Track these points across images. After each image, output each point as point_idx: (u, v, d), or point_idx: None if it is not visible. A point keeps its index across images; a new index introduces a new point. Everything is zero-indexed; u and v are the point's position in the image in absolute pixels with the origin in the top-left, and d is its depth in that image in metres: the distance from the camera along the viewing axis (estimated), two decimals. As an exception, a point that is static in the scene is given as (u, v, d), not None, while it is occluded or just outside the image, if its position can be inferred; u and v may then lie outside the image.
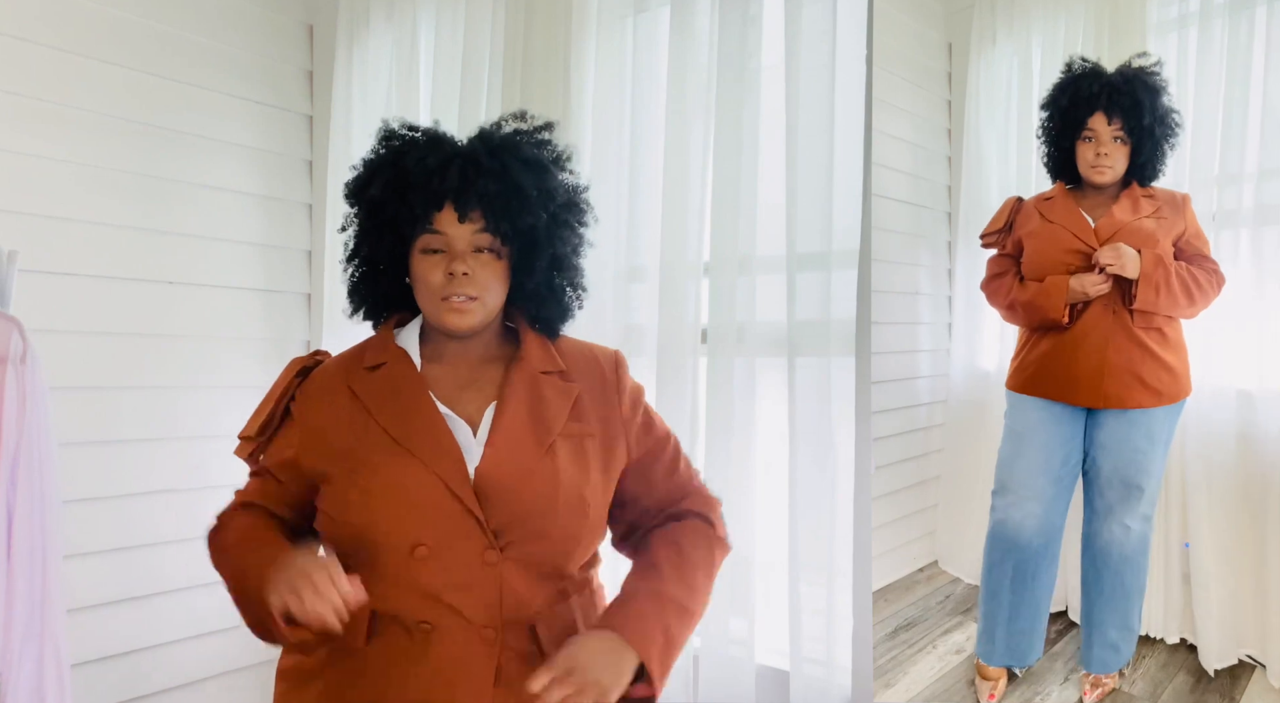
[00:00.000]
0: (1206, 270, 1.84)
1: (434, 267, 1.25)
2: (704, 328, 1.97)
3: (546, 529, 1.23)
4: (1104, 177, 1.86)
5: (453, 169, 1.23)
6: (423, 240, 1.26)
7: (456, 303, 1.25)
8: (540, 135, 1.33)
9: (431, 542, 1.19)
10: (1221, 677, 1.89)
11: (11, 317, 1.53)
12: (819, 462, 1.83)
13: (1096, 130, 1.84)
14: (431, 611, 1.20)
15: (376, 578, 1.18)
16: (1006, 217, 1.96)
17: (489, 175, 1.23)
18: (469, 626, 1.20)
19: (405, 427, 1.23)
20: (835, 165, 1.83)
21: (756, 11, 1.91)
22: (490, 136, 1.29)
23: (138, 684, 2.27)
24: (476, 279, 1.25)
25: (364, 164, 1.31)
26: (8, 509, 1.47)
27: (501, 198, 1.24)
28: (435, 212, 1.24)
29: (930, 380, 2.37)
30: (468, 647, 1.20)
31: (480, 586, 1.20)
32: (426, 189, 1.23)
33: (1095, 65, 1.87)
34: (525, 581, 1.23)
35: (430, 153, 1.24)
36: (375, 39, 2.47)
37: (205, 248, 2.40)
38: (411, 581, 1.19)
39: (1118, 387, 1.84)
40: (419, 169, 1.23)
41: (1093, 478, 1.92)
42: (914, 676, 2.01)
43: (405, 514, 1.20)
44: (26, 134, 2.09)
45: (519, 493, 1.22)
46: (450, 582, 1.19)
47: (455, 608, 1.19)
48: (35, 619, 1.49)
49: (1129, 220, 1.84)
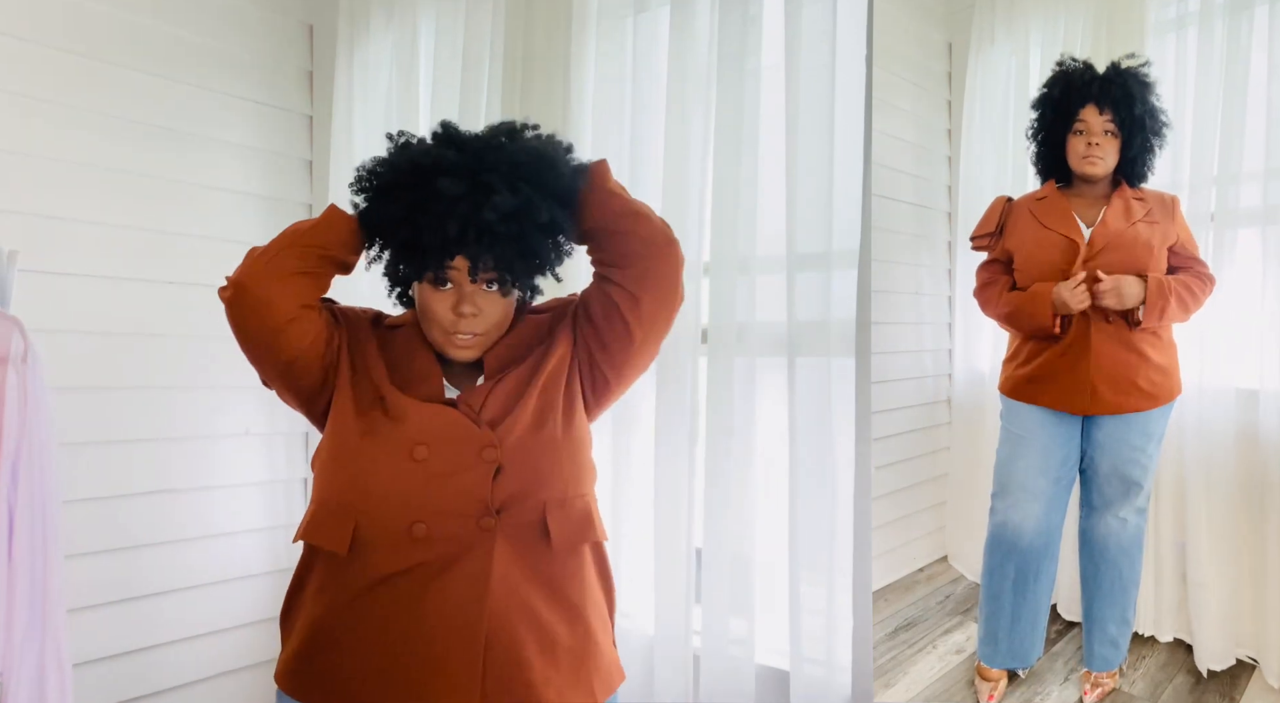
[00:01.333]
0: (1199, 277, 1.84)
1: (441, 301, 1.30)
2: (704, 328, 1.97)
3: (538, 459, 1.30)
4: (1095, 168, 1.86)
5: (470, 236, 1.24)
6: (430, 275, 1.30)
7: (461, 340, 1.31)
8: (561, 160, 1.34)
9: (431, 443, 1.26)
10: (1221, 677, 1.89)
11: (12, 317, 1.52)
12: (819, 462, 1.83)
13: (1088, 121, 1.85)
14: (422, 514, 1.25)
15: (367, 492, 1.26)
16: (997, 219, 1.96)
17: (505, 242, 1.26)
18: (463, 518, 1.25)
19: (408, 376, 1.33)
20: (835, 165, 1.83)
21: (756, 11, 1.91)
22: (504, 197, 1.25)
23: (138, 684, 2.27)
24: (483, 316, 1.30)
25: (368, 205, 1.33)
26: (8, 509, 1.47)
27: (517, 260, 1.29)
28: (448, 261, 1.28)
29: (930, 380, 2.37)
30: (461, 540, 1.25)
31: (473, 479, 1.26)
32: (443, 252, 1.27)
33: (1086, 62, 1.88)
34: (524, 476, 1.29)
35: (450, 216, 1.24)
36: (375, 39, 2.47)
37: (205, 248, 2.40)
38: (408, 481, 1.25)
39: (1114, 395, 1.84)
40: (438, 236, 1.25)
41: (1090, 477, 1.92)
42: (914, 676, 2.01)
43: (406, 433, 1.27)
44: (27, 134, 2.09)
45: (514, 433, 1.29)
46: (443, 473, 1.26)
47: (447, 508, 1.25)
48: (35, 619, 1.49)
49: (1123, 228, 1.84)
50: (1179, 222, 1.86)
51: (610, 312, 1.33)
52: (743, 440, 1.91)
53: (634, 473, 2.05)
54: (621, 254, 1.32)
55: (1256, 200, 1.86)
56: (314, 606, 1.30)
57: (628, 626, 2.08)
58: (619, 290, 1.33)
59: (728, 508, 1.91)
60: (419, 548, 1.24)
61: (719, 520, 1.92)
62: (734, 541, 1.92)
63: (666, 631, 1.97)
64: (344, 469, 1.29)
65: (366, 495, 1.26)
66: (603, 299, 1.34)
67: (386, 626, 1.24)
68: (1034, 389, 1.90)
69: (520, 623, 1.25)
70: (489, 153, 1.28)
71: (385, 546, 1.24)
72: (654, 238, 1.33)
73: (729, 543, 1.92)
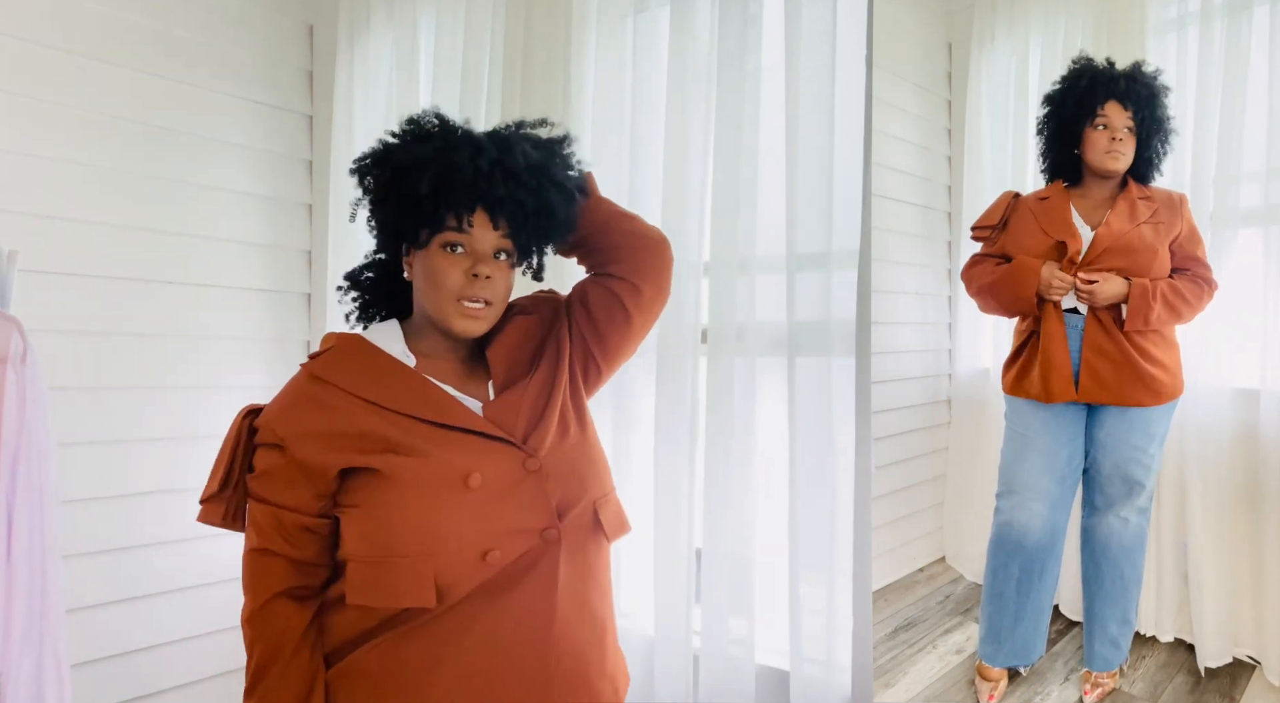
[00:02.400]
0: (1197, 281, 1.84)
1: (454, 264, 1.26)
2: (704, 328, 1.97)
3: (568, 450, 1.32)
4: (1118, 163, 1.86)
5: (497, 176, 1.25)
6: (445, 236, 1.26)
7: (471, 308, 1.26)
8: (568, 152, 1.37)
9: (481, 467, 1.24)
10: (1221, 676, 1.89)
11: (11, 317, 1.52)
12: (819, 462, 1.83)
13: (1111, 116, 1.85)
14: (492, 539, 1.24)
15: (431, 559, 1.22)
16: (1001, 214, 1.96)
17: (526, 190, 1.27)
18: (529, 534, 1.25)
19: (441, 413, 1.27)
20: (835, 165, 1.83)
21: (756, 11, 1.91)
22: (527, 150, 1.29)
23: (138, 684, 2.27)
24: (495, 284, 1.27)
25: (392, 153, 1.30)
26: (8, 509, 1.47)
27: (534, 215, 1.28)
28: (469, 214, 1.25)
29: (930, 380, 2.37)
30: (530, 554, 1.25)
31: (528, 493, 1.25)
32: (472, 190, 1.24)
33: (1109, 59, 1.88)
34: (569, 482, 1.30)
35: (479, 155, 1.25)
36: (376, 39, 2.48)
37: (205, 248, 2.40)
38: (472, 511, 1.23)
39: (1113, 384, 1.84)
40: (470, 168, 1.24)
41: (1093, 476, 1.92)
42: (914, 676, 2.01)
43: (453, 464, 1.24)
44: (27, 134, 2.09)
45: (542, 432, 1.29)
46: (500, 493, 1.24)
47: (513, 526, 1.24)
48: (35, 619, 1.49)
49: (1126, 229, 1.84)
50: (1186, 219, 1.86)
51: (611, 303, 1.38)
52: (743, 440, 1.91)
53: (634, 473, 2.05)
54: (621, 249, 1.39)
55: (1257, 200, 1.86)
56: (389, 654, 1.24)
57: (628, 626, 2.08)
58: (620, 283, 1.38)
59: (728, 508, 1.91)
60: (489, 570, 1.23)
61: (719, 521, 1.92)
62: (734, 541, 1.91)
63: (666, 631, 1.97)
64: (400, 523, 1.22)
65: (435, 538, 1.21)
66: (602, 293, 1.39)
67: (462, 644, 1.23)
68: (1025, 383, 1.91)
69: (581, 620, 1.28)
70: (506, 131, 1.34)
71: (463, 581, 1.22)
72: (649, 232, 1.43)
73: (729, 543, 1.91)
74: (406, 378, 1.29)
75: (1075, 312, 1.86)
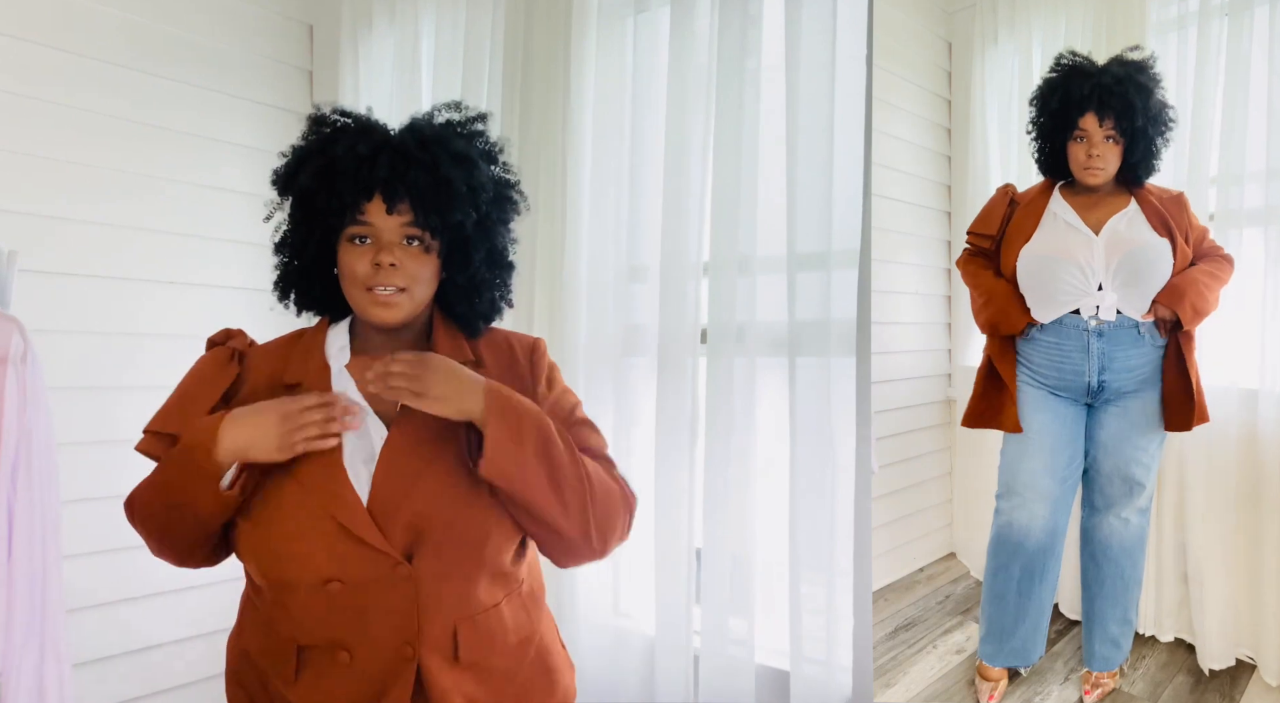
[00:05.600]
0: (1218, 261, 1.83)
1: (360, 256, 1.23)
2: (704, 328, 1.96)
3: (451, 524, 1.21)
4: (1096, 179, 1.85)
5: (382, 159, 1.21)
6: (350, 229, 1.24)
7: (382, 295, 1.23)
8: (472, 127, 1.31)
9: (342, 576, 1.18)
10: (1221, 676, 1.89)
11: (11, 317, 1.52)
12: (819, 462, 1.83)
13: (1088, 131, 1.83)
14: (350, 638, 1.19)
15: (291, 611, 1.22)
16: (999, 225, 1.94)
17: (419, 167, 1.22)
18: (383, 647, 1.19)
19: (305, 460, 1.21)
20: (835, 165, 1.83)
21: (756, 11, 1.91)
22: (421, 128, 1.27)
23: (138, 684, 2.27)
24: (404, 270, 1.23)
25: (293, 151, 1.30)
26: (8, 509, 1.47)
27: (430, 191, 1.22)
28: (364, 201, 1.22)
29: (930, 380, 2.37)
30: (385, 667, 1.19)
31: (394, 603, 1.19)
32: (355, 177, 1.21)
33: (1086, 60, 1.85)
34: (443, 587, 1.21)
35: (361, 141, 1.22)
36: (378, 39, 2.48)
37: (205, 248, 2.40)
38: (325, 613, 1.19)
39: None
40: (348, 157, 1.21)
41: (1093, 476, 1.92)
42: (914, 676, 2.01)
43: (310, 553, 1.19)
44: (27, 134, 2.09)
45: (411, 501, 1.19)
46: (363, 605, 1.18)
47: (371, 634, 1.19)
48: (35, 619, 1.49)
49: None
50: (1191, 216, 1.85)
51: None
52: (742, 440, 1.91)
53: (634, 473, 2.05)
54: (542, 544, 1.29)
55: (1258, 200, 1.87)
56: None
57: (628, 626, 2.08)
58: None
59: (728, 508, 1.91)
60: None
61: (719, 521, 1.92)
62: (734, 541, 1.91)
63: (666, 631, 1.97)
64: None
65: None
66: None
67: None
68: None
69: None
70: (413, 118, 1.30)
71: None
72: (571, 529, 1.23)
73: (729, 543, 1.91)
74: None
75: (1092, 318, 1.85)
